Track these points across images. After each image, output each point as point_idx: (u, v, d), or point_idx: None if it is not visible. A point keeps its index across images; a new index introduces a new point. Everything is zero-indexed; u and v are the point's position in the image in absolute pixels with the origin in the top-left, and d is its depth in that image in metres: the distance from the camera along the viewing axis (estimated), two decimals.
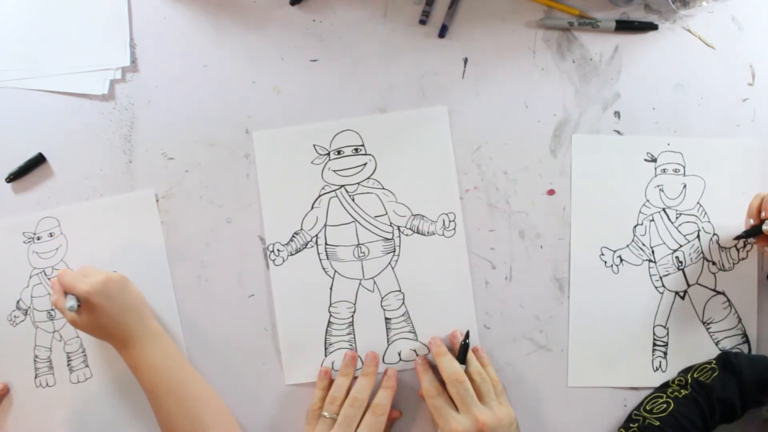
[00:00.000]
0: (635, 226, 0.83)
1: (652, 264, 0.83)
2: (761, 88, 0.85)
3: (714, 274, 0.83)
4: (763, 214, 0.78)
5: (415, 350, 0.82)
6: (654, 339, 0.83)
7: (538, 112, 0.84)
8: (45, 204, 0.84)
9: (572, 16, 0.84)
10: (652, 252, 0.83)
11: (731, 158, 0.84)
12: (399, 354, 0.82)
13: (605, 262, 0.83)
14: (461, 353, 0.77)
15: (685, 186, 0.83)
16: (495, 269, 0.83)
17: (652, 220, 0.83)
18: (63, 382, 0.83)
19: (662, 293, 0.83)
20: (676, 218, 0.83)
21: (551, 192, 0.83)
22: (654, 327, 0.83)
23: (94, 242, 0.84)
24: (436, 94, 0.84)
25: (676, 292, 0.83)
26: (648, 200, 0.83)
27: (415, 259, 0.82)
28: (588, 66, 0.85)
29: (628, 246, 0.83)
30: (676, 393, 0.77)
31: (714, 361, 0.79)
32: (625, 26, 0.84)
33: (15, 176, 0.84)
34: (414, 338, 0.82)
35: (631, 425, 0.76)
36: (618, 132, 0.84)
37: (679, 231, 0.83)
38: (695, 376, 0.78)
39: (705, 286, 0.83)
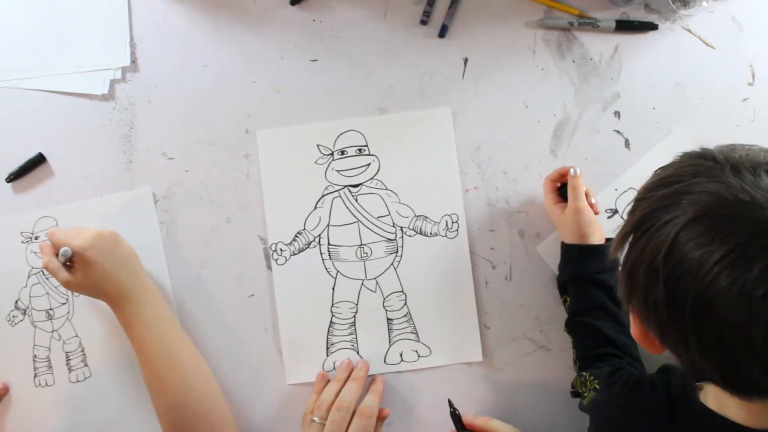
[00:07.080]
0: None
1: None
2: (761, 88, 0.85)
3: None
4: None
5: (416, 351, 0.82)
6: None
7: (538, 112, 0.84)
8: (45, 204, 0.84)
9: (572, 16, 0.84)
10: None
11: None
12: (400, 355, 0.82)
13: None
14: (456, 424, 0.75)
15: None
16: (495, 269, 0.83)
17: None
18: (62, 381, 0.83)
19: None
20: None
21: None
22: None
23: None
24: (436, 94, 0.84)
25: None
26: None
27: (418, 259, 0.82)
28: (588, 66, 0.85)
29: None
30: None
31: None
32: (625, 26, 0.84)
33: (15, 176, 0.84)
34: (416, 339, 0.82)
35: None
36: (618, 132, 0.84)
37: None
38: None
39: None
